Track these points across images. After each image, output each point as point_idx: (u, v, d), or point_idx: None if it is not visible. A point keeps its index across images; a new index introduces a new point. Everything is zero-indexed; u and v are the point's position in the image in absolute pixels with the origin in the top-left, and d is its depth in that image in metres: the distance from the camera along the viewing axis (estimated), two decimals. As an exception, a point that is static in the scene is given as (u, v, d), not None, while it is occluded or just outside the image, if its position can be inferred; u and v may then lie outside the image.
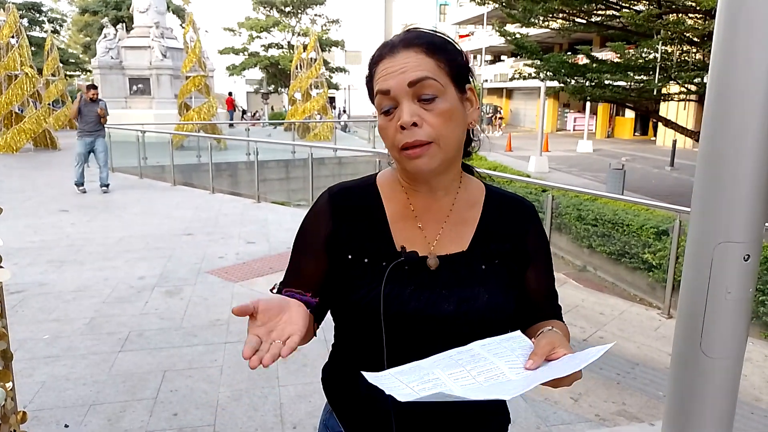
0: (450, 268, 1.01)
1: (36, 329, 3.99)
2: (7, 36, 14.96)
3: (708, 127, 1.36)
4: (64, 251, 6.00)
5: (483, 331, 0.97)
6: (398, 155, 0.97)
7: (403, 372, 0.85)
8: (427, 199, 1.05)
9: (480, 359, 0.88)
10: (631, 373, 3.52)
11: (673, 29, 9.58)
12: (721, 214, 1.33)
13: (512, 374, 0.85)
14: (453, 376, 0.84)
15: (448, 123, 0.96)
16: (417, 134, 0.93)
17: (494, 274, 1.03)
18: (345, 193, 1.07)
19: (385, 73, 0.96)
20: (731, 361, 1.37)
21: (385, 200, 1.06)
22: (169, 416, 2.92)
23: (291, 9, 36.44)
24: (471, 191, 1.09)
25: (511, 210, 1.11)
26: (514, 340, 0.94)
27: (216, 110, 17.66)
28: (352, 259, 1.02)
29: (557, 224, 8.39)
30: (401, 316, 0.97)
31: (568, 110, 34.98)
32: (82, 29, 40.83)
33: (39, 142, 15.74)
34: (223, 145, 15.37)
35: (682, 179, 15.35)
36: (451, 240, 1.04)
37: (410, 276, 1.00)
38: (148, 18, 19.58)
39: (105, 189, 9.64)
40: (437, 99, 0.95)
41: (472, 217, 1.07)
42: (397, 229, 1.04)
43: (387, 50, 0.98)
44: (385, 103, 0.96)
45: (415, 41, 0.98)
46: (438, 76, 0.95)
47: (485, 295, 1.01)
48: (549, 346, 0.90)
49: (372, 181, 1.10)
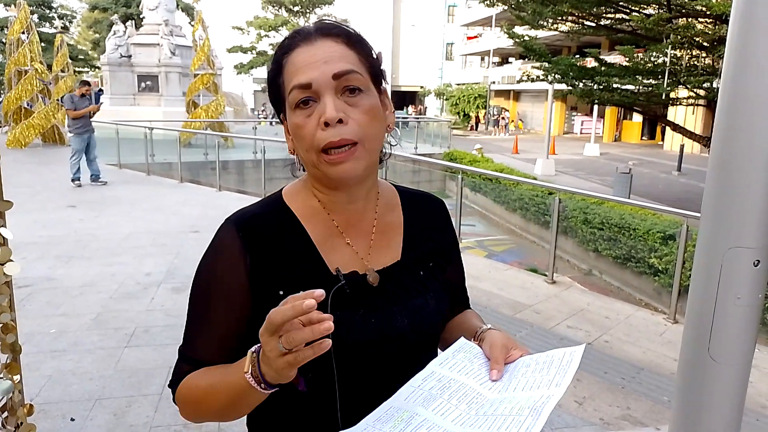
0: (391, 281, 0.93)
1: (43, 323, 4.01)
2: (18, 32, 15.04)
3: (720, 132, 1.36)
4: (71, 246, 6.03)
5: (430, 339, 0.94)
6: (317, 159, 0.85)
7: (381, 419, 0.77)
8: (348, 210, 0.95)
9: (449, 382, 0.82)
10: (636, 378, 3.51)
11: (683, 33, 9.55)
12: (731, 218, 1.32)
13: (486, 391, 0.81)
14: (438, 411, 0.77)
15: (373, 122, 0.86)
16: (343, 132, 0.82)
17: (433, 278, 0.99)
18: (252, 221, 0.92)
19: (304, 64, 0.84)
20: (739, 367, 1.36)
21: (303, 220, 0.93)
22: (174, 412, 2.93)
23: (300, 8, 36.57)
24: (387, 195, 1.02)
25: (427, 207, 1.06)
26: (465, 349, 0.90)
27: (224, 108, 17.69)
28: (284, 295, 0.80)
29: (563, 227, 8.37)
30: (355, 345, 0.86)
31: (575, 113, 34.89)
32: (92, 26, 41.05)
33: (47, 137, 15.81)
34: (231, 143, 15.41)
35: (689, 184, 15.28)
36: (382, 251, 0.96)
37: (355, 299, 0.89)
38: (158, 15, 19.65)
39: (103, 181, 9.90)
40: (362, 94, 0.85)
41: (396, 222, 1.00)
42: (326, 249, 0.92)
43: (301, 39, 0.87)
44: (301, 96, 0.84)
45: (334, 30, 0.88)
46: (361, 70, 0.86)
47: (432, 302, 0.95)
48: (504, 349, 0.88)
49: (279, 201, 0.96)
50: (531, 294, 5.02)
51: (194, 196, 9.37)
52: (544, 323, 4.34)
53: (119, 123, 12.67)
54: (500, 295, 4.91)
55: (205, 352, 0.92)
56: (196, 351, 0.92)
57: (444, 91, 42.89)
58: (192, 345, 0.93)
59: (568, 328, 4.26)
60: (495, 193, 11.65)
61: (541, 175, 15.71)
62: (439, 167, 11.84)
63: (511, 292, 5.02)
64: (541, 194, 9.78)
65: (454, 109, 40.16)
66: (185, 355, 0.93)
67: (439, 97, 44.04)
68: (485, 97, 38.05)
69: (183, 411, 0.94)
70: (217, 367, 0.89)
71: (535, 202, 10.26)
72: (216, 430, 2.80)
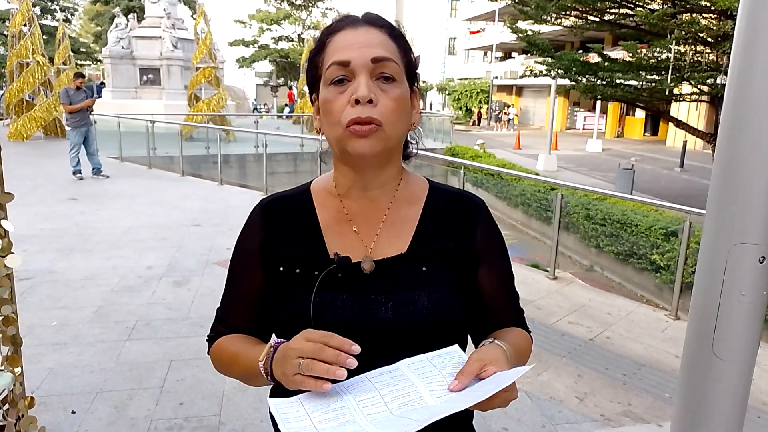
0: (387, 272, 0.94)
1: (44, 316, 4.01)
2: (20, 24, 15.02)
3: (725, 130, 1.35)
4: (73, 239, 6.03)
5: (426, 339, 0.89)
6: (341, 133, 0.88)
7: (310, 398, 0.79)
8: (362, 199, 0.98)
9: (400, 380, 0.81)
10: (637, 374, 3.51)
11: (687, 29, 9.50)
12: (736, 215, 1.31)
13: (431, 398, 0.77)
14: (363, 403, 0.77)
15: (399, 111, 0.90)
16: (371, 111, 0.86)
17: (437, 277, 0.95)
18: (276, 202, 1.02)
19: (346, 44, 0.89)
20: (743, 364, 1.36)
21: (317, 206, 1.00)
22: (175, 405, 2.94)
23: (302, 2, 36.50)
24: (412, 189, 1.02)
25: (456, 207, 1.02)
26: (447, 356, 0.86)
27: (225, 102, 17.68)
28: (283, 271, 0.96)
29: (565, 223, 8.36)
30: (332, 327, 0.85)
31: (578, 109, 34.81)
32: (94, 18, 41.03)
33: (49, 130, 15.81)
34: (232, 137, 15.41)
35: (692, 180, 15.26)
36: (389, 241, 0.97)
37: (344, 283, 0.93)
38: (160, 8, 19.62)
39: (105, 175, 9.87)
40: (395, 83, 0.90)
41: (412, 215, 0.99)
42: (332, 235, 0.97)
43: (348, 23, 0.93)
44: (338, 74, 0.89)
45: (380, 21, 0.94)
46: (398, 61, 0.91)
47: (425, 300, 0.92)
48: (478, 363, 0.81)
49: (306, 188, 1.04)
50: (532, 290, 5.01)
51: (196, 190, 9.36)
52: (545, 319, 4.34)
53: (121, 116, 12.66)
54: (501, 290, 4.91)
55: (230, 315, 1.05)
56: (225, 313, 1.06)
57: (446, 86, 42.81)
58: (223, 307, 1.07)
59: (570, 324, 4.26)
60: (497, 189, 11.63)
61: (543, 171, 15.69)
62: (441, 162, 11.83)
63: (513, 288, 5.01)
64: (543, 190, 9.78)
65: (457, 104, 40.09)
66: (219, 317, 1.07)
67: (442, 92, 43.96)
68: (488, 92, 37.97)
69: (214, 364, 1.06)
70: (246, 339, 1.01)
71: (537, 197, 10.25)
72: (216, 425, 2.80)
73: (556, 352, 3.73)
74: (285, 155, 13.50)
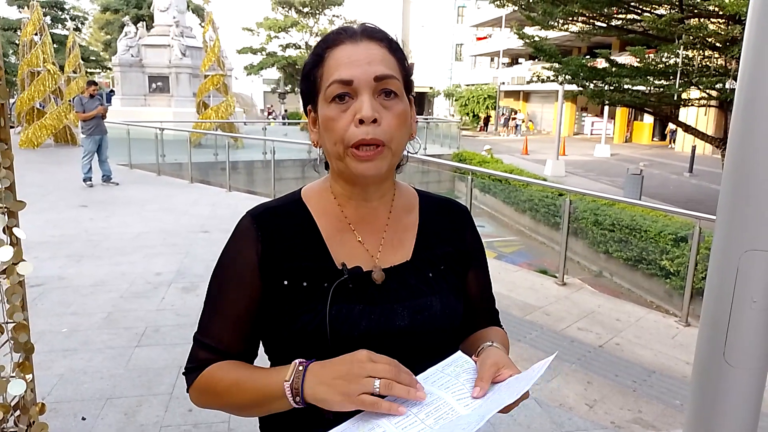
0: (397, 279, 0.95)
1: (55, 322, 4.04)
2: (31, 33, 15.19)
3: (736, 134, 1.34)
4: (82, 246, 6.07)
5: (438, 343, 0.93)
6: (343, 153, 0.88)
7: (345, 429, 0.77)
8: (362, 208, 0.97)
9: (427, 396, 0.81)
10: (647, 381, 3.48)
11: (695, 34, 9.47)
12: (747, 221, 1.30)
13: (461, 407, 0.79)
14: (400, 425, 0.76)
15: (402, 127, 0.90)
16: (376, 132, 0.86)
17: (443, 281, 0.98)
18: (268, 213, 0.97)
19: (347, 60, 0.87)
20: (755, 371, 1.35)
21: (315, 215, 0.97)
22: (184, 412, 2.94)
23: (309, 9, 36.63)
24: (406, 197, 1.04)
25: (446, 212, 1.06)
26: (457, 363, 0.88)
27: (234, 109, 17.77)
28: (288, 285, 0.91)
29: (573, 229, 8.32)
30: (352, 338, 0.87)
31: (585, 114, 34.72)
32: (104, 27, 41.37)
33: (59, 137, 15.96)
34: (240, 144, 15.48)
35: (701, 186, 15.16)
36: (393, 249, 0.97)
37: (357, 294, 0.91)
38: (169, 17, 19.77)
39: (115, 182, 9.96)
40: (397, 98, 0.89)
41: (411, 223, 1.01)
42: (335, 244, 0.95)
43: (346, 36, 0.90)
44: (339, 91, 0.87)
45: (378, 35, 0.92)
46: (398, 76, 0.91)
47: (438, 304, 0.95)
48: (493, 367, 0.85)
49: (297, 197, 1.00)
50: (541, 296, 4.99)
51: (204, 197, 9.41)
52: (554, 325, 4.32)
53: (130, 123, 12.76)
54: (510, 296, 4.89)
55: (219, 337, 0.95)
56: (211, 336, 0.95)
57: (453, 92, 42.84)
58: (206, 330, 0.96)
59: (579, 330, 4.23)
60: (504, 194, 11.60)
61: (551, 176, 15.64)
62: (449, 168, 11.83)
63: (521, 294, 4.99)
64: (551, 195, 9.74)
65: (464, 109, 40.09)
66: (201, 342, 0.96)
67: (449, 98, 43.97)
68: (495, 97, 37.96)
69: (198, 398, 0.96)
70: (240, 364, 0.94)
71: (545, 203, 10.22)
72: (226, 430, 2.80)
73: (565, 359, 3.71)
74: (293, 161, 13.55)
